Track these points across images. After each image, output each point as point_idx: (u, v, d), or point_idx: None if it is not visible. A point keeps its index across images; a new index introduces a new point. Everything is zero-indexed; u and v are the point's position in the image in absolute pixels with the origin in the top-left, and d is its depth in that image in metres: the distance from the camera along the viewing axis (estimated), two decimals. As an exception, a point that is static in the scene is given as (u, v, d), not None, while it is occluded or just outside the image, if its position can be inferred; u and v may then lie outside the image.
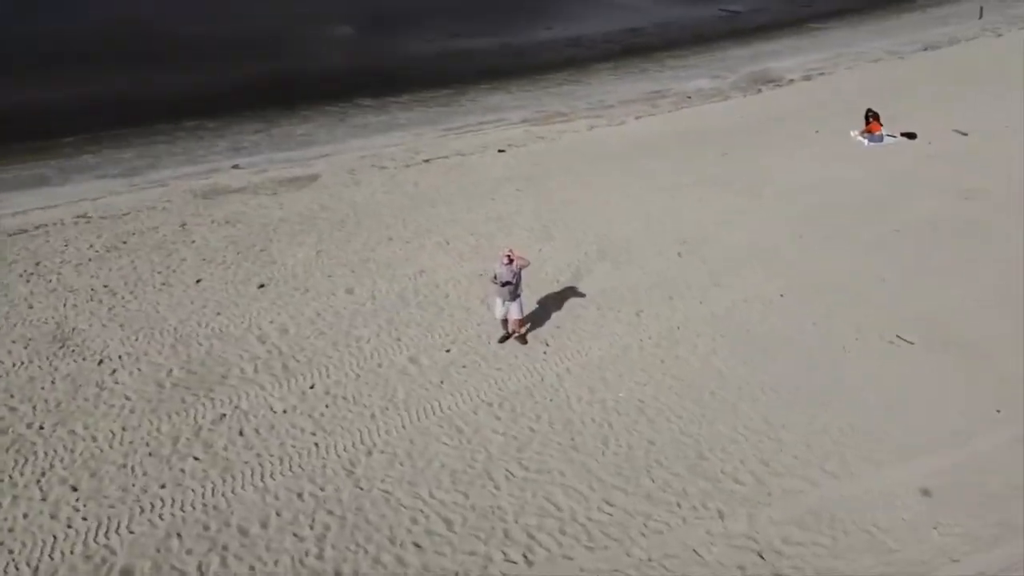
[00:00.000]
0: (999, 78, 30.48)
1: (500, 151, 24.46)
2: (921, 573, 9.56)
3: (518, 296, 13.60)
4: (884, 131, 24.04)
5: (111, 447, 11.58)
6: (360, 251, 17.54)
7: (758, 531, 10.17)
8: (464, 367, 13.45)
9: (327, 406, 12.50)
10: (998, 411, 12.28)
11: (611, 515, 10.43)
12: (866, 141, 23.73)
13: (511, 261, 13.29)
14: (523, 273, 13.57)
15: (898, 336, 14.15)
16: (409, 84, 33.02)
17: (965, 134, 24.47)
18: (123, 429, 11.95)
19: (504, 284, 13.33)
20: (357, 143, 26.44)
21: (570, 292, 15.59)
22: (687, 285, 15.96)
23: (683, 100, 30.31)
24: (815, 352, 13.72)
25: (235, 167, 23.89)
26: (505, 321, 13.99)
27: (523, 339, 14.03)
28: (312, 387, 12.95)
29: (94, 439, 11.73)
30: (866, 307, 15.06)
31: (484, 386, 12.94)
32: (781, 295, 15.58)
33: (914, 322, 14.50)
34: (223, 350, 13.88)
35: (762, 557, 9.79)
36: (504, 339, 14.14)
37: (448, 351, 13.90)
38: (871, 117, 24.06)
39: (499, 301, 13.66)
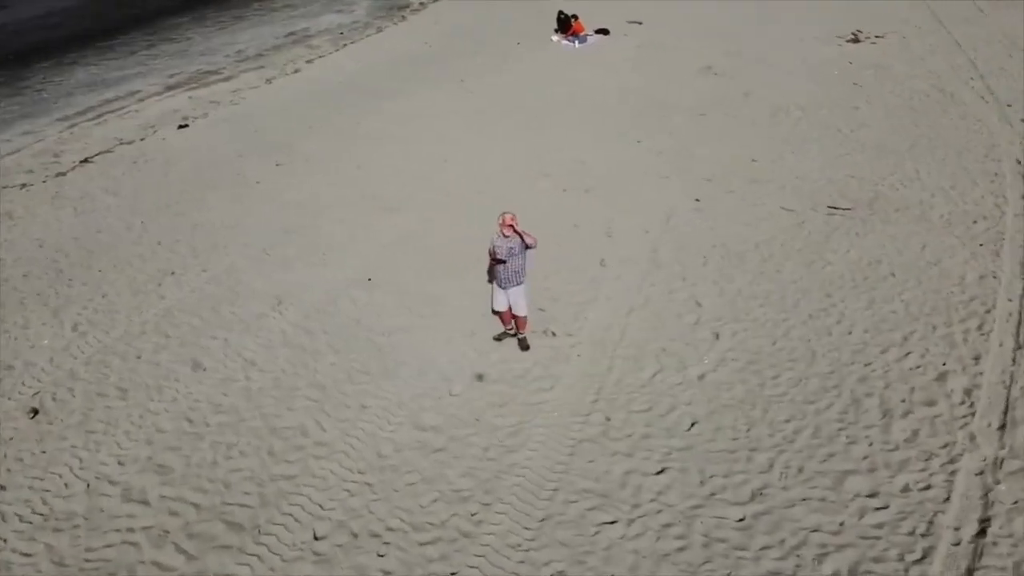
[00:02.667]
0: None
1: (182, 126, 17.97)
2: None
3: (522, 282, 9.49)
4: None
5: None
6: (142, 307, 10.96)
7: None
8: (502, 406, 9.01)
9: (381, 555, 7.20)
10: (980, 244, 12.23)
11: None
12: (575, 43, 22.77)
13: (514, 231, 9.12)
14: (529, 255, 9.48)
15: (831, 207, 13.42)
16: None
17: (640, 23, 25.08)
18: None
19: (499, 262, 9.18)
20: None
21: (506, 263, 11.62)
22: (606, 217, 13.20)
23: (337, 37, 26.07)
24: (797, 245, 12.25)
25: None
26: (502, 314, 9.80)
27: (524, 343, 9.94)
28: (318, 537, 7.37)
29: None
30: (771, 190, 14.08)
31: (557, 420, 8.77)
32: (697, 200, 13.76)
33: (823, 191, 13.93)
34: (91, 543, 7.20)
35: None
36: (501, 336, 9.94)
37: (453, 393, 9.20)
38: (571, 19, 23.10)
39: (497, 287, 9.46)
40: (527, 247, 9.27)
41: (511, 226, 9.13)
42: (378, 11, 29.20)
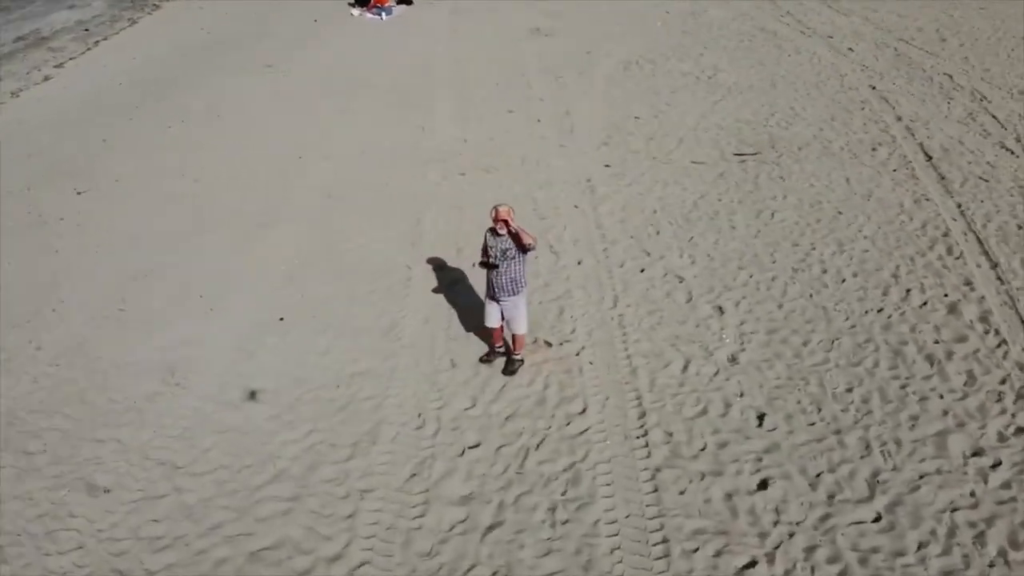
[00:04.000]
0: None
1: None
2: None
3: (520, 291, 7.64)
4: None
5: None
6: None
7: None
8: (538, 449, 7.13)
9: None
10: (894, 170, 12.18)
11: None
12: (382, 15, 20.57)
13: (507, 228, 7.25)
14: (527, 258, 7.62)
15: (737, 154, 12.83)
16: None
17: (439, -10, 23.34)
18: None
19: (491, 266, 7.34)
20: None
21: (450, 275, 9.66)
22: (525, 197, 11.54)
23: (82, 35, 21.69)
24: (734, 197, 11.44)
25: None
26: (493, 331, 7.89)
27: (512, 365, 8.06)
28: None
29: None
30: (672, 144, 13.23)
31: (612, 449, 7.11)
32: (607, 165, 12.54)
33: (721, 139, 13.34)
34: None
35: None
36: (491, 357, 8.03)
37: (473, 446, 7.18)
38: (371, -11, 20.85)
39: (488, 300, 7.57)
40: (525, 249, 7.38)
41: (505, 222, 7.20)
42: (120, 1, 24.68)
